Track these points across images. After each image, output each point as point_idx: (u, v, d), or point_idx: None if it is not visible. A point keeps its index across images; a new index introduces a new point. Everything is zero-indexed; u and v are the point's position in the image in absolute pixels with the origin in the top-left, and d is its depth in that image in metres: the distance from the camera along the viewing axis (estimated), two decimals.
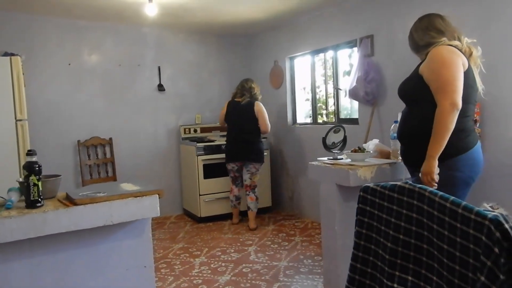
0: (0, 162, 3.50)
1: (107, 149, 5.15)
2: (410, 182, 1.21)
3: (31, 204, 1.83)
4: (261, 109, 4.80)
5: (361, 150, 3.02)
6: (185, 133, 5.57)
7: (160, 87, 5.51)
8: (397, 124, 2.72)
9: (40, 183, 1.85)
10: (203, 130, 5.69)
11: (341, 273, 2.85)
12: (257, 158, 4.84)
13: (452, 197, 1.06)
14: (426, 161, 2.21)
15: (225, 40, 6.01)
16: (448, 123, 2.14)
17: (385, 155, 3.04)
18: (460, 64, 2.21)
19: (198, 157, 5.10)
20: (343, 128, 3.20)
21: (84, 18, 4.86)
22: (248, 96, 4.86)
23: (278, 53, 5.63)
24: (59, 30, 4.86)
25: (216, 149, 5.17)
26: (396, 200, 1.21)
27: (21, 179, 1.95)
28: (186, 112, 5.74)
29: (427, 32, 2.38)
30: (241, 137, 4.83)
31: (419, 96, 2.33)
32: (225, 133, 5.16)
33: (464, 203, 1.03)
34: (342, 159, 3.04)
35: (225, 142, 5.02)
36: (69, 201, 1.93)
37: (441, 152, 2.18)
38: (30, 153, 1.87)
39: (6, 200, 1.85)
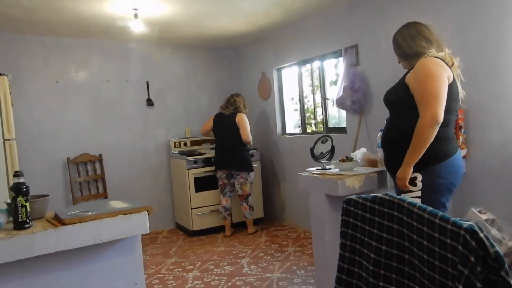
0: None
1: (97, 165, 5.14)
2: (390, 193, 1.24)
3: (19, 225, 1.82)
4: (242, 119, 4.94)
5: (348, 159, 3.05)
6: (175, 146, 5.58)
7: (149, 102, 5.53)
8: None
9: (28, 204, 1.85)
10: (193, 143, 5.70)
11: (333, 283, 2.86)
12: (242, 167, 4.93)
13: (430, 208, 1.09)
14: (402, 168, 2.31)
15: (212, 53, 6.06)
16: (427, 135, 2.21)
17: (373, 163, 3.08)
18: (446, 77, 2.27)
19: (189, 170, 5.11)
20: (331, 138, 3.24)
21: (69, 35, 4.88)
22: (232, 108, 5.04)
23: (265, 65, 5.68)
24: (45, 48, 4.87)
25: (207, 162, 5.19)
26: (377, 211, 1.24)
27: (8, 201, 1.94)
28: (176, 125, 5.76)
29: (416, 41, 2.40)
30: (225, 146, 4.98)
31: (403, 105, 2.38)
32: (211, 144, 5.26)
33: (440, 213, 1.06)
34: (330, 169, 3.07)
35: (214, 155, 5.12)
36: (58, 221, 1.93)
37: (417, 161, 2.26)
38: (17, 174, 1.87)
39: None
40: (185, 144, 5.64)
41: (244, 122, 4.93)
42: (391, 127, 2.49)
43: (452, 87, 2.30)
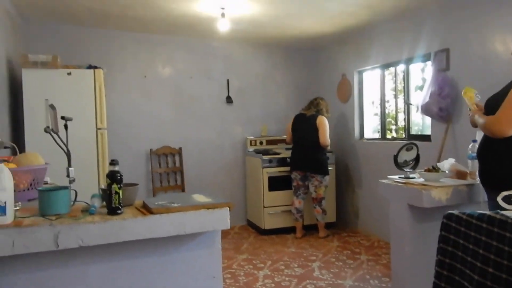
0: (82, 167, 3.72)
1: (177, 158, 5.34)
2: (501, 212, 1.14)
3: (112, 211, 1.93)
4: (323, 122, 4.88)
5: (435, 169, 2.89)
6: (251, 145, 5.64)
7: (228, 99, 5.63)
8: (476, 143, 2.59)
9: (121, 192, 1.95)
10: (269, 142, 5.73)
11: None
12: (318, 170, 4.86)
13: None
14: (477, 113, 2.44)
15: (292, 53, 6.04)
16: (485, 130, 2.24)
17: (462, 176, 2.88)
18: None
19: (264, 169, 5.14)
20: (416, 146, 3.09)
21: (158, 32, 5.11)
22: (314, 110, 5.00)
23: (346, 67, 5.56)
24: (135, 43, 5.14)
25: (282, 162, 5.19)
26: (484, 230, 1.14)
27: (103, 186, 2.06)
28: (252, 124, 5.82)
29: None
30: (303, 147, 4.94)
31: None
32: (290, 146, 5.20)
33: None
34: (414, 178, 2.93)
35: (290, 155, 5.09)
36: (146, 209, 2.02)
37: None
38: (113, 162, 1.98)
39: (90, 206, 1.97)
40: (261, 143, 5.69)
41: (324, 124, 4.87)
42: (488, 137, 2.30)
43: None
